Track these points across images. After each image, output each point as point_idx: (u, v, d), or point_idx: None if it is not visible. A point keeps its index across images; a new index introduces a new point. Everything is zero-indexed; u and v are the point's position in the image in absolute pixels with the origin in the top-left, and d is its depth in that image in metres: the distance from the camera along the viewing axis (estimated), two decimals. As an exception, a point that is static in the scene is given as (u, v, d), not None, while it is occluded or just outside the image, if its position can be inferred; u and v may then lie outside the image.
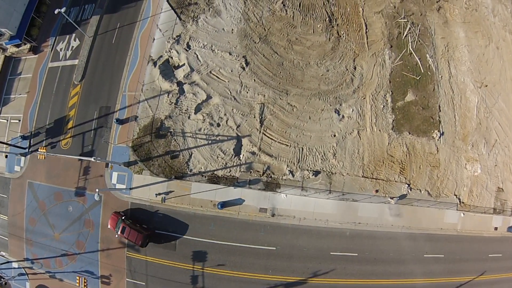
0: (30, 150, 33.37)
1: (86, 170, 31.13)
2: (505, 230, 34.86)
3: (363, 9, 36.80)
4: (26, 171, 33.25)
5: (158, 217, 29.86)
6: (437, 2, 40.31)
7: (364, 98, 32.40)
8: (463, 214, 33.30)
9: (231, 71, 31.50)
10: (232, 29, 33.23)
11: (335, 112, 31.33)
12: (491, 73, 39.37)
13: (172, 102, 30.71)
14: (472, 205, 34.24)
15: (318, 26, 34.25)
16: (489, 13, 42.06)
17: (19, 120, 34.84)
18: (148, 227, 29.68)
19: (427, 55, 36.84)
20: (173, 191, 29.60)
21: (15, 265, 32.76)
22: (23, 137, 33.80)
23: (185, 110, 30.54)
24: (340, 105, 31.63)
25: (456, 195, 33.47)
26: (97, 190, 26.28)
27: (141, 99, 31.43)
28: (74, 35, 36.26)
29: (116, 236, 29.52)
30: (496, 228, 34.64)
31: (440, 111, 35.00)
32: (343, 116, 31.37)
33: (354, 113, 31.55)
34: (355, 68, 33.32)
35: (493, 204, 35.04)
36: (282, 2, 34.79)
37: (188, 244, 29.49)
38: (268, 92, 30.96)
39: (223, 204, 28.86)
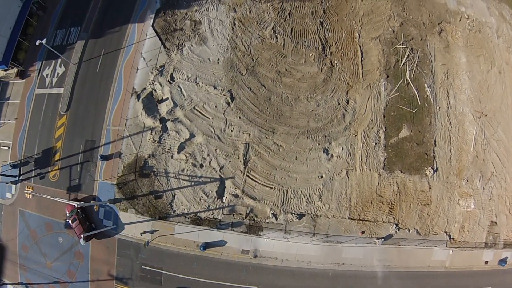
0: (20, 178, 31.70)
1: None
2: (496, 264, 32.38)
3: (359, 35, 32.45)
4: (17, 199, 32.20)
5: (145, 253, 28.35)
6: (438, 24, 35.64)
7: (355, 136, 29.25)
8: (452, 251, 30.69)
9: (216, 106, 28.52)
10: (218, 59, 29.79)
11: (324, 151, 28.45)
12: (491, 101, 35.68)
13: (155, 140, 28.36)
14: (463, 241, 31.50)
15: (310, 55, 30.28)
16: (493, 34, 38.08)
17: (9, 147, 33.29)
18: (95, 228, 29.65)
19: (425, 84, 32.83)
20: (157, 230, 28.20)
21: (10, 287, 32.29)
22: (13, 165, 32.04)
23: (168, 149, 28.19)
24: (330, 143, 28.63)
25: (446, 232, 30.77)
26: (81, 236, 24.68)
27: (124, 135, 29.13)
28: (59, 60, 33.55)
29: (65, 220, 29.66)
30: (486, 262, 32.32)
31: (435, 146, 31.62)
32: (332, 156, 28.49)
33: (343, 152, 28.54)
34: (347, 102, 29.78)
35: (484, 239, 32.44)
36: (273, 28, 30.83)
37: (173, 280, 28.47)
38: (253, 130, 28.09)
39: (205, 246, 27.31)
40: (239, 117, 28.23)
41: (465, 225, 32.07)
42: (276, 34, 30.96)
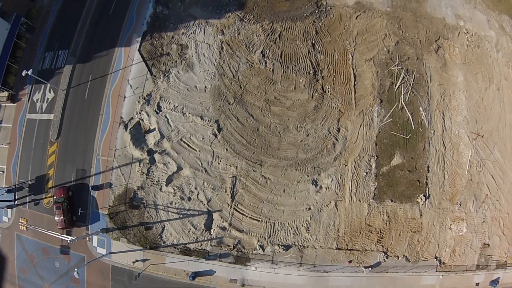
0: (16, 203, 31.13)
1: (68, 230, 29.12)
2: (487, 285, 31.72)
3: (353, 56, 30.17)
4: (14, 224, 32.26)
5: (138, 280, 28.00)
6: (436, 41, 33.08)
7: (345, 166, 27.93)
8: (442, 275, 29.53)
9: (203, 138, 27.18)
10: (205, 87, 28.05)
11: (312, 183, 27.27)
12: (488, 121, 33.86)
13: (144, 172, 27.55)
14: (454, 264, 30.31)
15: (301, 80, 28.29)
16: (492, 49, 35.66)
17: (3, 172, 32.65)
18: (76, 221, 29.17)
19: (420, 108, 30.83)
20: (149, 259, 27.92)
21: (10, 306, 32.66)
22: (8, 190, 31.45)
23: (157, 182, 27.37)
24: (319, 175, 27.34)
25: (436, 257, 29.53)
26: (75, 269, 24.62)
27: (114, 165, 28.35)
28: (48, 85, 31.80)
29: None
30: (477, 284, 31.76)
31: (428, 172, 30.11)
32: (320, 187, 27.32)
33: (333, 183, 27.26)
34: (338, 130, 28.08)
35: (476, 261, 31.19)
36: (262, 52, 28.78)
37: (166, 305, 27.90)
38: (241, 163, 26.83)
39: (195, 275, 27.13)
40: (226, 149, 26.96)
41: (457, 249, 30.92)
42: (265, 59, 28.84)
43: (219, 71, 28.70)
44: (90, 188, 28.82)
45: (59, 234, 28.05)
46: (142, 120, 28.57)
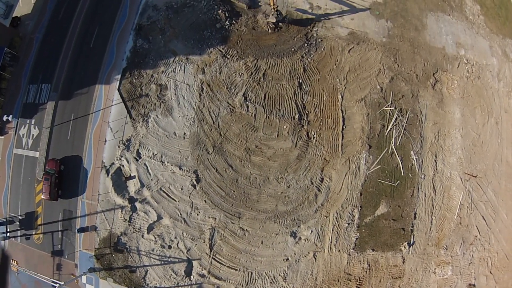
0: (8, 235, 30.81)
1: (58, 266, 29.38)
2: None
3: (342, 97, 26.95)
4: (7, 255, 31.42)
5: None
6: (433, 74, 29.73)
7: (327, 217, 25.50)
8: (422, 319, 28.28)
9: (181, 189, 25.72)
10: (185, 133, 25.95)
11: (291, 235, 26.07)
12: (484, 159, 31.09)
13: (126, 219, 26.86)
14: (435, 307, 28.87)
15: (285, 127, 25.57)
16: (493, 78, 32.24)
17: None
18: (61, 195, 28.53)
19: (412, 152, 27.85)
20: None
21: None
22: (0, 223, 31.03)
23: (138, 229, 26.78)
24: (298, 227, 25.93)
25: (417, 302, 28.02)
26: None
27: (98, 210, 27.09)
28: (33, 120, 30.30)
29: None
30: None
31: (415, 219, 27.91)
32: (299, 238, 26.07)
33: (312, 235, 25.82)
34: (322, 180, 25.97)
35: None
36: (244, 94, 26.05)
37: None
38: (219, 215, 25.46)
39: None
40: (205, 200, 25.57)
41: (439, 291, 29.18)
42: (247, 102, 26.03)
43: (199, 116, 26.29)
44: (76, 230, 28.38)
45: (48, 278, 28.01)
46: (123, 166, 27.07)
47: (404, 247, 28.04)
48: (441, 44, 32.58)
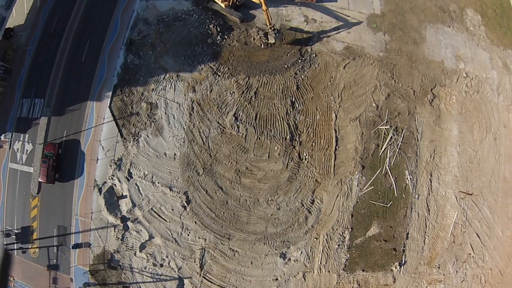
0: (5, 248, 30.95)
1: (54, 280, 29.64)
2: None
3: (336, 116, 25.94)
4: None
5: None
6: (431, 90, 28.74)
7: (317, 239, 24.87)
8: (410, 334, 28.06)
9: (172, 210, 25.62)
10: (175, 154, 25.42)
11: (281, 256, 26.04)
12: (480, 177, 30.20)
13: (119, 238, 26.83)
14: (424, 324, 28.63)
15: (276, 148, 24.92)
16: (493, 92, 31.14)
17: None
18: (59, 178, 28.10)
19: (406, 171, 27.04)
20: None
21: None
22: (4, 234, 31.27)
23: (131, 247, 26.94)
24: (288, 248, 25.66)
25: (407, 319, 27.80)
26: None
27: (91, 227, 26.84)
28: (27, 135, 29.83)
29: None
30: None
31: (407, 239, 27.16)
32: (289, 259, 26.10)
33: (302, 256, 25.67)
34: (312, 202, 25.40)
35: None
36: (234, 114, 25.05)
37: None
38: (209, 236, 25.40)
39: None
40: (195, 222, 25.46)
41: (430, 309, 28.84)
42: (238, 122, 25.24)
43: (189, 136, 25.68)
44: (71, 246, 28.35)
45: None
46: (115, 185, 26.76)
47: (395, 267, 27.60)
48: (440, 58, 31.28)
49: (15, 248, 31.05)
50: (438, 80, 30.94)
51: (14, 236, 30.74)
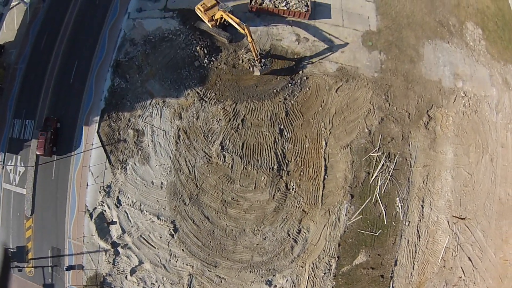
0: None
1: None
2: None
3: (326, 143, 25.17)
4: None
5: None
6: (427, 112, 27.88)
7: (302, 267, 24.59)
8: None
9: (160, 237, 25.83)
10: (162, 183, 25.31)
11: (266, 283, 26.08)
12: (475, 200, 29.31)
13: (110, 262, 27.15)
14: None
15: (262, 178, 24.41)
16: (491, 111, 29.88)
17: None
18: (56, 152, 28.14)
19: (397, 199, 26.25)
20: None
21: None
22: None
23: (122, 271, 27.42)
24: (274, 276, 25.93)
25: None
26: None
27: (84, 250, 26.98)
28: (19, 157, 29.78)
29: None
30: None
31: (395, 265, 26.56)
32: (275, 286, 26.07)
33: (288, 283, 25.74)
34: (299, 232, 25.13)
35: None
36: (221, 143, 24.26)
37: None
38: (196, 263, 25.83)
39: None
40: (183, 249, 25.81)
41: (416, 332, 28.79)
42: (224, 152, 24.65)
43: (175, 165, 25.37)
44: (64, 268, 28.85)
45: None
46: (105, 211, 26.79)
47: (382, 293, 27.41)
48: (438, 77, 29.91)
49: (12, 266, 32.10)
50: (434, 101, 29.61)
51: (10, 255, 31.09)
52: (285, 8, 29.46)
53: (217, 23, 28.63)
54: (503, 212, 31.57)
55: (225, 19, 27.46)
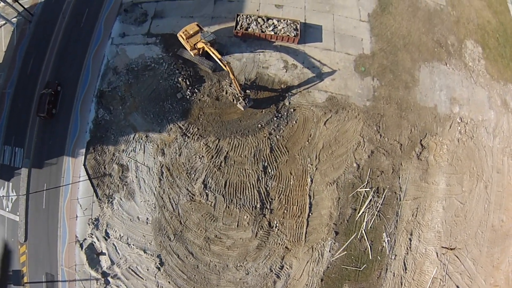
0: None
1: None
2: None
3: (312, 180, 24.50)
4: None
5: None
6: (420, 141, 25.90)
7: (286, 301, 24.42)
8: None
9: (147, 270, 26.53)
10: (147, 219, 25.75)
11: None
12: (466, 229, 28.52)
13: None
14: None
15: (245, 217, 24.19)
16: (488, 136, 28.77)
17: None
18: (55, 113, 28.33)
19: (384, 234, 25.91)
20: None
21: None
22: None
23: None
24: None
25: None
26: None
27: (76, 278, 27.44)
28: (11, 184, 30.16)
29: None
30: None
31: None
32: None
33: None
34: (281, 268, 25.39)
35: None
36: (204, 182, 23.72)
37: None
38: None
39: None
40: (169, 282, 26.18)
41: None
42: (207, 191, 24.49)
43: (159, 202, 25.45)
44: None
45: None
46: (95, 242, 27.11)
47: (364, 326, 27.51)
48: (433, 102, 28.48)
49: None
50: (429, 129, 28.21)
51: (8, 277, 32.85)
52: (273, 33, 27.90)
53: (200, 52, 27.21)
54: (495, 239, 30.74)
55: (207, 48, 26.61)
